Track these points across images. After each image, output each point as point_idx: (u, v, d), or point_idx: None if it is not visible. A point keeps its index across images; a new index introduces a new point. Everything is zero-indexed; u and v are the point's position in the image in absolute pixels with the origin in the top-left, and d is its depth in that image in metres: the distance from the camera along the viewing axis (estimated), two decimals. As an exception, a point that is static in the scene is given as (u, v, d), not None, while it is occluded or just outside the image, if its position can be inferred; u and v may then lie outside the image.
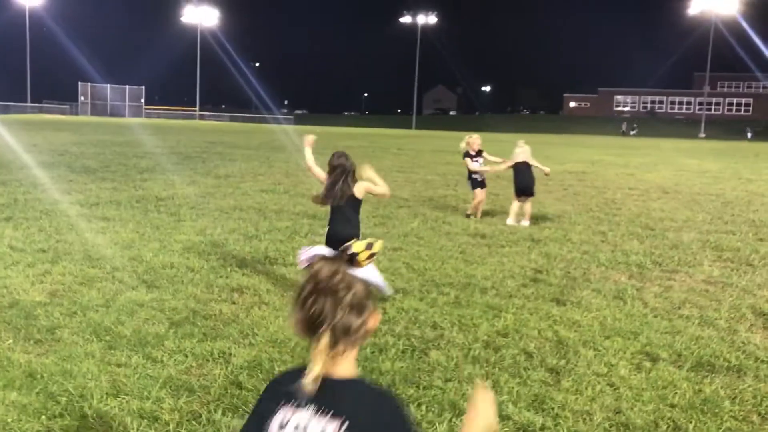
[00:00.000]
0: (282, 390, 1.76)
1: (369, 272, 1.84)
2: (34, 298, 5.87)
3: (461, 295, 6.53)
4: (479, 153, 12.02)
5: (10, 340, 4.85)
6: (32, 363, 4.46)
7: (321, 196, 6.33)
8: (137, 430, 3.65)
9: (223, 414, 3.87)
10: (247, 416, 1.85)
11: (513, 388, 4.39)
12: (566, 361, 4.94)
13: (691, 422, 4.01)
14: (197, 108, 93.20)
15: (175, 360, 4.63)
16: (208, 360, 4.67)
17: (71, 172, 15.91)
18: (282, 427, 1.71)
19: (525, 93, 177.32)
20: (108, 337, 5.00)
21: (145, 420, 3.76)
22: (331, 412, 1.67)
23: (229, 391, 4.20)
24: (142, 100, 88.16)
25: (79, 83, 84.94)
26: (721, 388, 4.54)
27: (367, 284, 1.81)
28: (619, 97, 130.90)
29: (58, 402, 3.93)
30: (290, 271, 7.23)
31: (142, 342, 4.93)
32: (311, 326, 1.74)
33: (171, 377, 4.34)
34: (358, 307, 1.76)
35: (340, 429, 1.65)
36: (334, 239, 6.03)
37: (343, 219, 6.21)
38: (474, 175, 11.93)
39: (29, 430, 3.61)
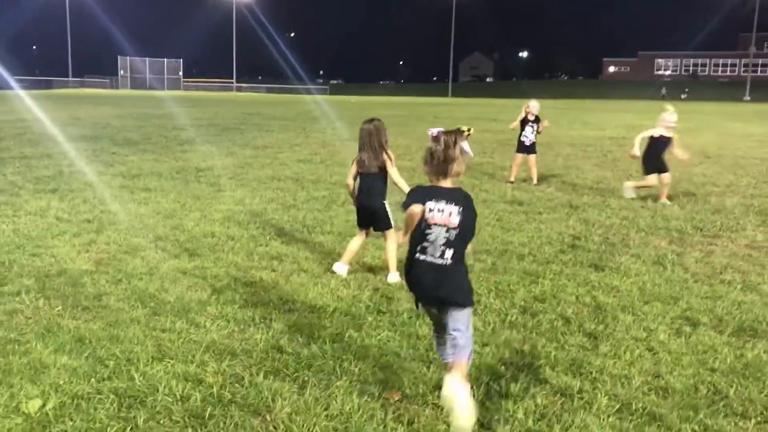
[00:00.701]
0: (428, 192, 3.58)
1: (465, 144, 3.58)
2: (81, 267, 6.04)
3: (498, 262, 6.53)
4: (537, 120, 11.99)
5: (59, 307, 5.01)
6: (80, 328, 4.61)
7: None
8: (182, 392, 3.76)
9: (265, 377, 3.96)
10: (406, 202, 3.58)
11: (550, 352, 4.41)
12: (604, 326, 4.93)
13: (731, 387, 3.98)
14: (234, 80, 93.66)
15: (217, 325, 4.75)
16: (249, 325, 4.78)
17: (113, 145, 16.20)
18: (432, 210, 3.54)
19: (563, 58, 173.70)
20: (152, 304, 5.14)
21: (190, 383, 3.88)
22: (454, 201, 3.54)
23: (270, 354, 4.29)
24: (180, 73, 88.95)
25: (119, 57, 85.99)
26: (764, 352, 4.49)
27: (463, 149, 3.57)
28: (660, 61, 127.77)
29: (106, 365, 4.07)
30: (328, 239, 7.30)
31: (186, 308, 5.06)
32: (436, 168, 3.58)
33: (214, 342, 4.46)
34: (459, 160, 3.56)
35: (458, 209, 3.53)
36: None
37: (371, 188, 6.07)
38: (521, 138, 11.94)
39: (80, 391, 3.75)
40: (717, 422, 3.57)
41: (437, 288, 3.60)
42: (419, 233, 3.59)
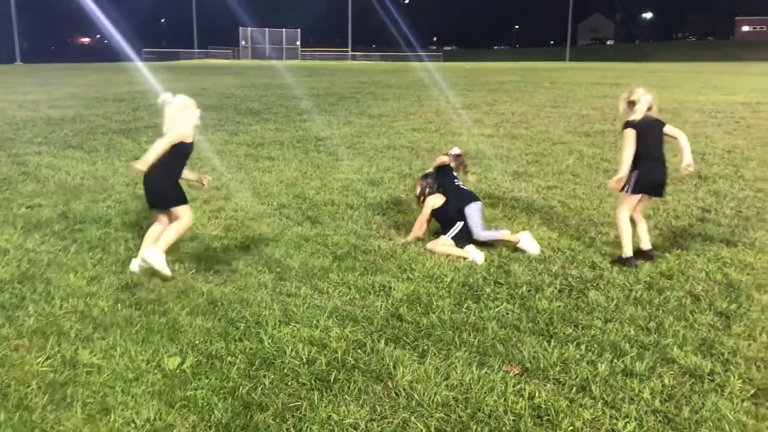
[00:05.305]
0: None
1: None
2: (212, 232, 6.38)
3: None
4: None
5: (193, 270, 5.32)
6: (213, 291, 4.88)
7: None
8: (308, 355, 3.92)
9: (386, 344, 4.06)
10: None
11: (678, 331, 4.25)
12: (737, 305, 4.68)
13: None
14: (349, 48, 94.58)
15: (339, 291, 4.90)
16: (369, 292, 4.89)
17: (237, 114, 16.82)
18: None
19: (691, 18, 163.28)
20: (278, 269, 5.36)
21: (315, 347, 4.03)
22: None
23: (390, 322, 4.39)
24: (298, 43, 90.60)
25: (240, 28, 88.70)
26: None
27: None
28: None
29: (237, 327, 4.30)
30: (445, 208, 7.30)
31: (309, 274, 5.24)
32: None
33: (337, 308, 4.61)
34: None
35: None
36: None
37: None
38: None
39: (214, 351, 3.99)
40: None
41: None
42: None
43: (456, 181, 6.32)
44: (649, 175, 5.54)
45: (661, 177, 5.62)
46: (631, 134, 5.47)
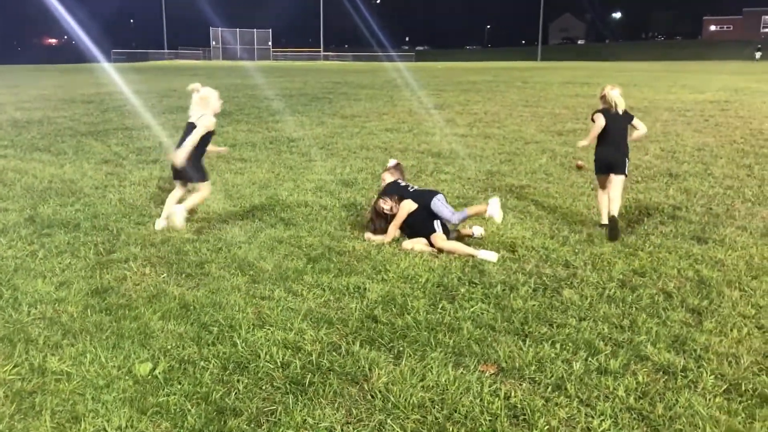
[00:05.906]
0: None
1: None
2: (183, 235, 6.29)
3: (594, 233, 6.37)
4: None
5: (165, 274, 5.24)
6: (185, 295, 4.81)
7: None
8: (283, 359, 3.88)
9: (361, 346, 4.03)
10: None
11: (652, 328, 4.28)
12: (709, 301, 4.74)
13: None
14: (321, 49, 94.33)
15: (314, 293, 4.86)
16: (344, 294, 4.86)
17: (208, 116, 16.67)
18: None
19: (660, 17, 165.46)
20: (251, 272, 5.30)
21: (290, 350, 3.99)
22: None
23: (365, 324, 4.36)
24: (270, 43, 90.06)
25: (211, 29, 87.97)
26: None
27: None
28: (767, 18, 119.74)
29: (210, 332, 4.24)
30: (419, 209, 7.29)
31: (283, 276, 5.19)
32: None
33: (311, 310, 4.56)
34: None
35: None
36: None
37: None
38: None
39: (187, 355, 3.93)
40: (834, 406, 3.39)
41: None
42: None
43: (409, 187, 6.44)
44: (601, 157, 6.69)
45: (610, 156, 6.58)
46: (599, 117, 6.59)
